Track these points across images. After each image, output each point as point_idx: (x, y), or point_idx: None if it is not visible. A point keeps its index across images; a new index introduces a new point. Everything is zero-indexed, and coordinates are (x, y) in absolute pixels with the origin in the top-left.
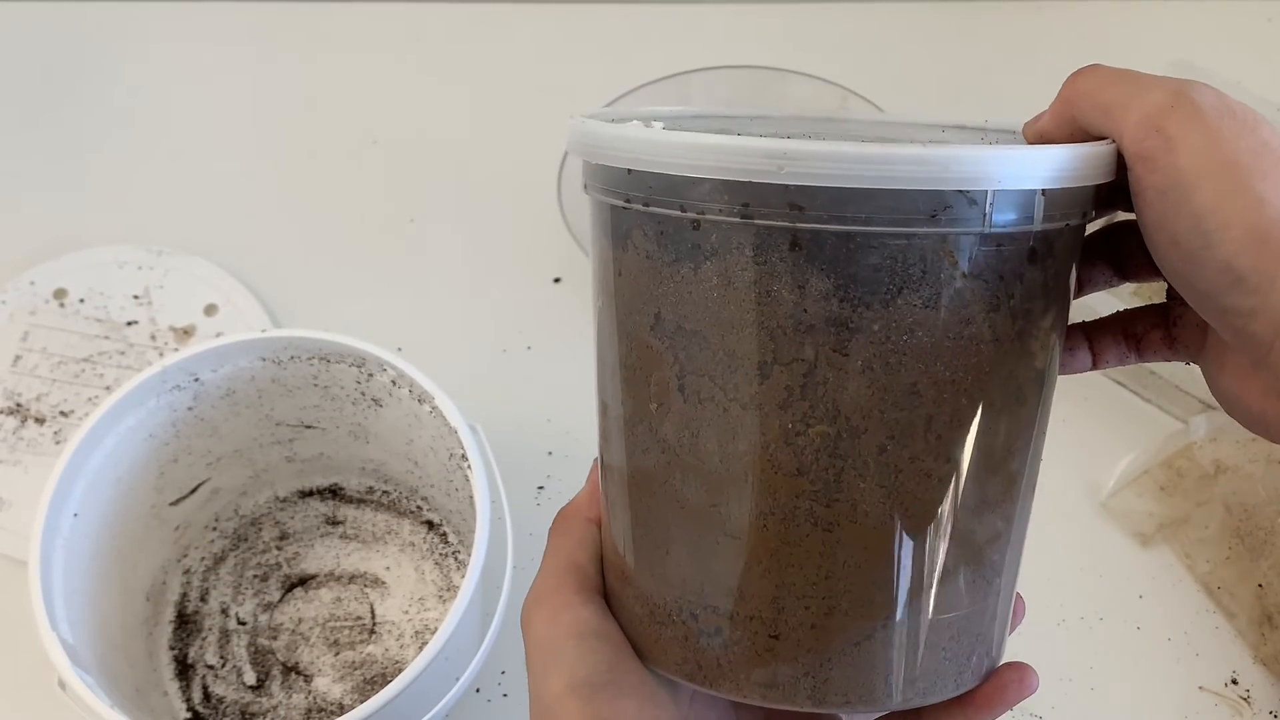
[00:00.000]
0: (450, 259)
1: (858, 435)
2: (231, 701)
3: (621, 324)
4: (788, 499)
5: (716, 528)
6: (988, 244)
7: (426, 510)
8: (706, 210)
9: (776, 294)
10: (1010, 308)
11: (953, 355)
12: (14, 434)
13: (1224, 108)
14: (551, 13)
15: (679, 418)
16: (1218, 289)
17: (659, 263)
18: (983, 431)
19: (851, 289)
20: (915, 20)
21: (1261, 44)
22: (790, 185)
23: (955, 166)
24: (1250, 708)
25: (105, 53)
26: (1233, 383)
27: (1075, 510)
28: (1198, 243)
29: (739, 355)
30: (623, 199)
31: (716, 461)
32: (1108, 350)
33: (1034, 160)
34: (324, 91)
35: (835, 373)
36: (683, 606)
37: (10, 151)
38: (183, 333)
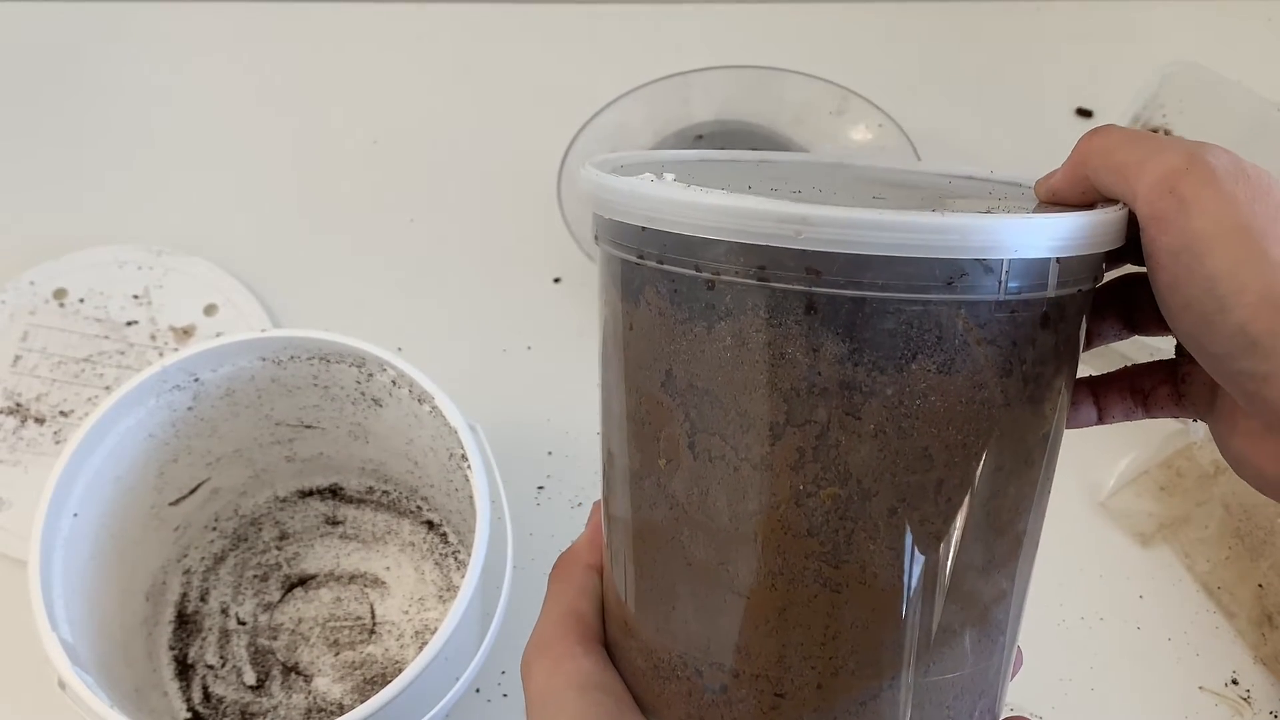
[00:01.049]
0: (450, 259)
1: (869, 498)
2: (231, 701)
3: (631, 378)
4: (797, 559)
5: (724, 585)
6: (1002, 310)
7: (426, 510)
8: (722, 271)
9: (791, 356)
10: (1022, 372)
11: (965, 419)
12: (14, 434)
13: (1238, 171)
14: (551, 13)
15: (688, 475)
16: (1231, 353)
17: (672, 320)
18: (992, 494)
19: (866, 353)
20: (915, 20)
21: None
22: (807, 250)
23: (973, 235)
24: (1250, 708)
25: (105, 53)
26: (1244, 445)
27: (1075, 510)
28: (1211, 307)
29: (751, 415)
30: (636, 254)
31: (725, 520)
32: (1114, 406)
33: (1048, 229)
34: (324, 91)
35: (848, 436)
36: (687, 662)
37: (10, 151)
38: (183, 333)
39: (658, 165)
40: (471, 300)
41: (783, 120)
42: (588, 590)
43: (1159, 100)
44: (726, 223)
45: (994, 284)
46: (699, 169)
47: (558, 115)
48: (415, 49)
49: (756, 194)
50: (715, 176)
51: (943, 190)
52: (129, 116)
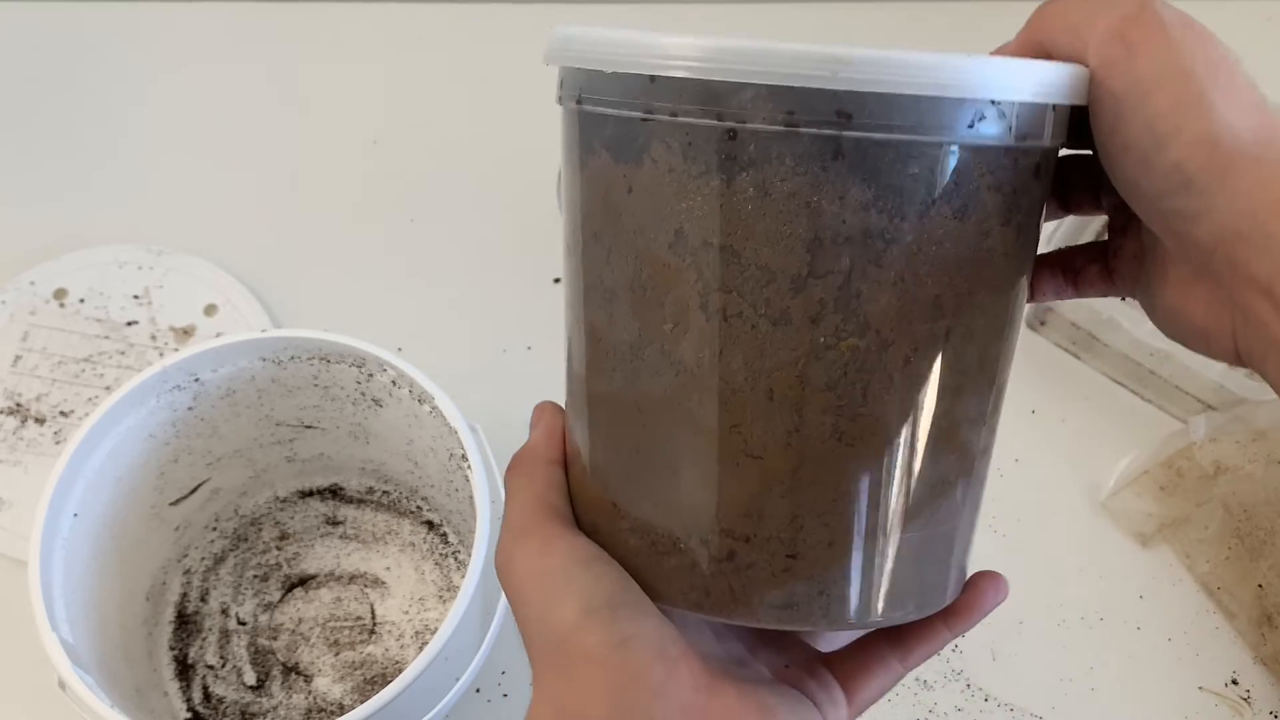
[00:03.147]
0: (450, 259)
1: (886, 348)
2: (232, 702)
3: (629, 244)
4: (813, 415)
5: (737, 449)
6: (1008, 157)
7: (426, 510)
8: (747, 119)
9: (816, 205)
10: (1017, 222)
11: (972, 268)
12: (14, 434)
13: (1185, 22)
14: (551, 13)
15: (699, 337)
16: (1166, 191)
17: (684, 176)
18: (987, 343)
19: (890, 199)
20: (915, 20)
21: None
22: (840, 91)
23: (994, 75)
24: (1250, 708)
25: (105, 53)
26: (1174, 296)
27: (1075, 510)
28: (1150, 145)
29: (772, 269)
30: (642, 110)
31: (741, 380)
32: (1045, 283)
33: (1052, 75)
34: (324, 91)
35: (869, 285)
36: (691, 534)
37: (10, 151)
38: (183, 333)
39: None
40: (471, 300)
41: None
42: (554, 483)
43: None
44: (759, 64)
45: (1004, 129)
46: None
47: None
48: (415, 49)
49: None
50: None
51: None
52: (129, 116)
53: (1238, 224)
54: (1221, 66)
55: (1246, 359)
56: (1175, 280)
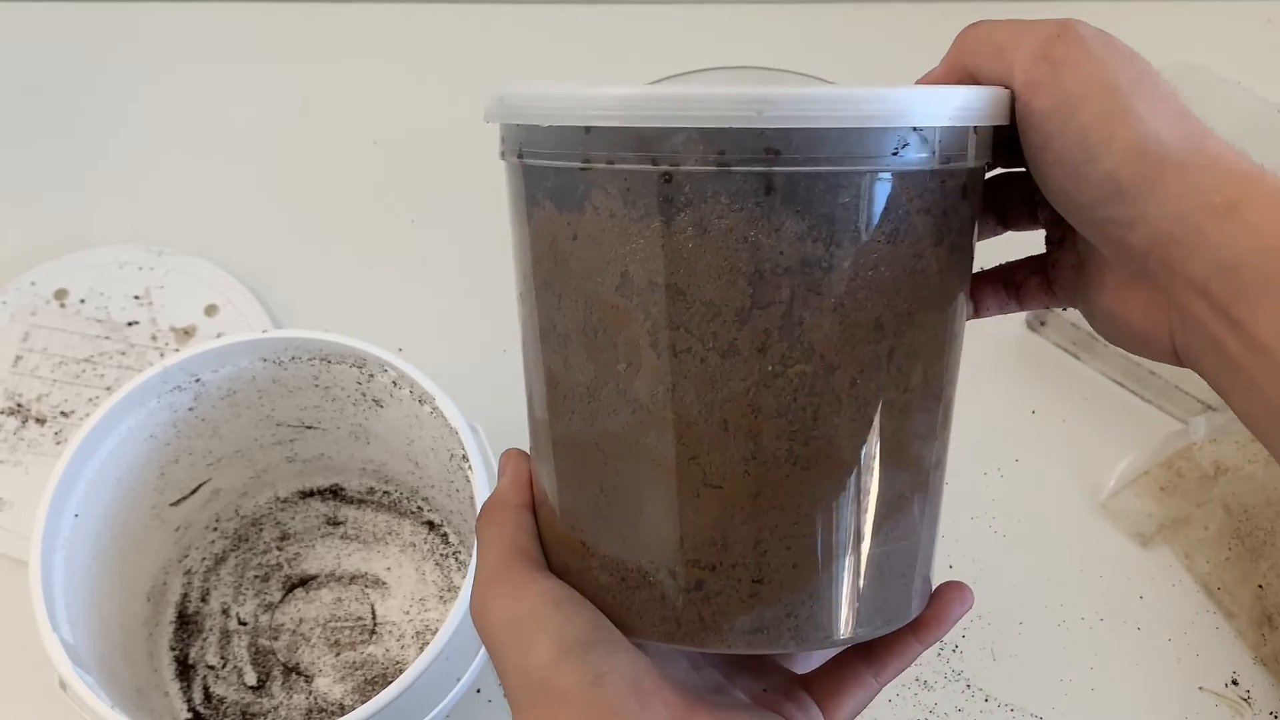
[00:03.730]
0: (450, 259)
1: (832, 372)
2: (232, 702)
3: (579, 288)
4: (768, 441)
5: (696, 480)
6: (934, 180)
7: (427, 511)
8: (681, 161)
9: (753, 239)
10: (949, 241)
11: (909, 288)
12: (15, 434)
13: (1106, 40)
14: (551, 13)
15: (652, 374)
16: (1099, 200)
17: (625, 220)
18: (930, 361)
19: (824, 228)
20: (915, 20)
21: (1261, 44)
22: (767, 130)
23: (914, 104)
24: (1250, 708)
25: (105, 53)
26: (1113, 301)
27: (1075, 511)
28: (1081, 158)
29: (717, 303)
30: (580, 160)
31: (695, 413)
32: (988, 299)
33: (972, 98)
34: (324, 92)
35: (811, 312)
36: (659, 566)
37: (11, 151)
38: (183, 333)
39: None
40: (472, 300)
41: None
42: (524, 528)
43: None
44: (688, 110)
45: (928, 153)
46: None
47: None
48: (415, 49)
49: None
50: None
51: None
52: (129, 117)
53: (1170, 227)
54: (1144, 79)
55: (1184, 358)
56: (1112, 286)
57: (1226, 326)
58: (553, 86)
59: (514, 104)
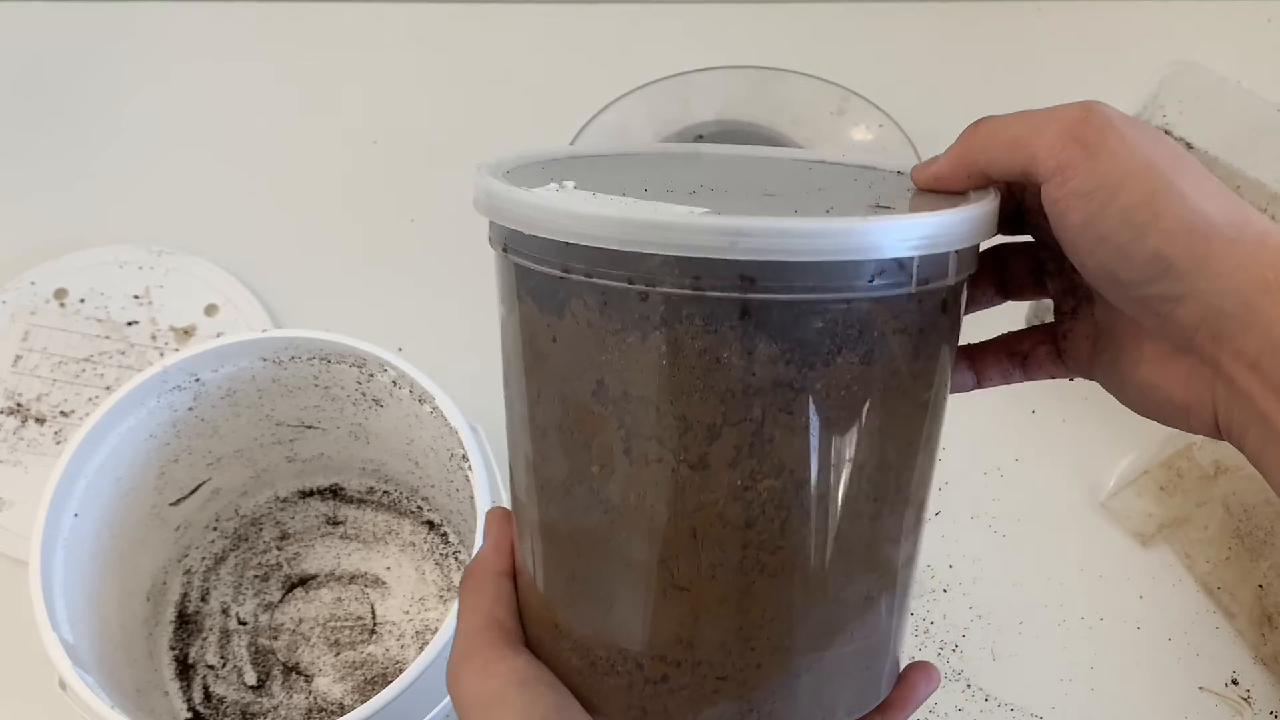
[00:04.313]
0: (450, 259)
1: (801, 486)
2: (232, 701)
3: (557, 388)
4: (736, 550)
5: (664, 582)
6: (911, 301)
7: (427, 510)
8: (656, 282)
9: (726, 360)
10: (927, 355)
11: (882, 404)
12: (14, 434)
13: (1130, 120)
14: (551, 13)
15: (624, 480)
16: (1146, 278)
17: (602, 331)
18: (901, 468)
19: (797, 352)
20: (915, 20)
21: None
22: (742, 259)
23: (891, 236)
24: (1250, 708)
25: (105, 53)
26: (1151, 373)
27: (1075, 511)
28: (1127, 236)
29: (689, 419)
30: (559, 269)
31: (665, 520)
32: (990, 369)
33: (953, 224)
34: (324, 91)
35: (781, 430)
36: (627, 656)
37: (10, 151)
38: (183, 333)
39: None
40: (472, 300)
41: (783, 120)
42: (503, 598)
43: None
44: (663, 237)
45: (906, 279)
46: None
47: (558, 115)
48: (415, 49)
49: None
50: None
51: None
52: (129, 116)
53: (1221, 303)
54: (1180, 157)
55: (1226, 433)
56: (1151, 359)
57: (1275, 402)
58: (536, 197)
59: (499, 205)
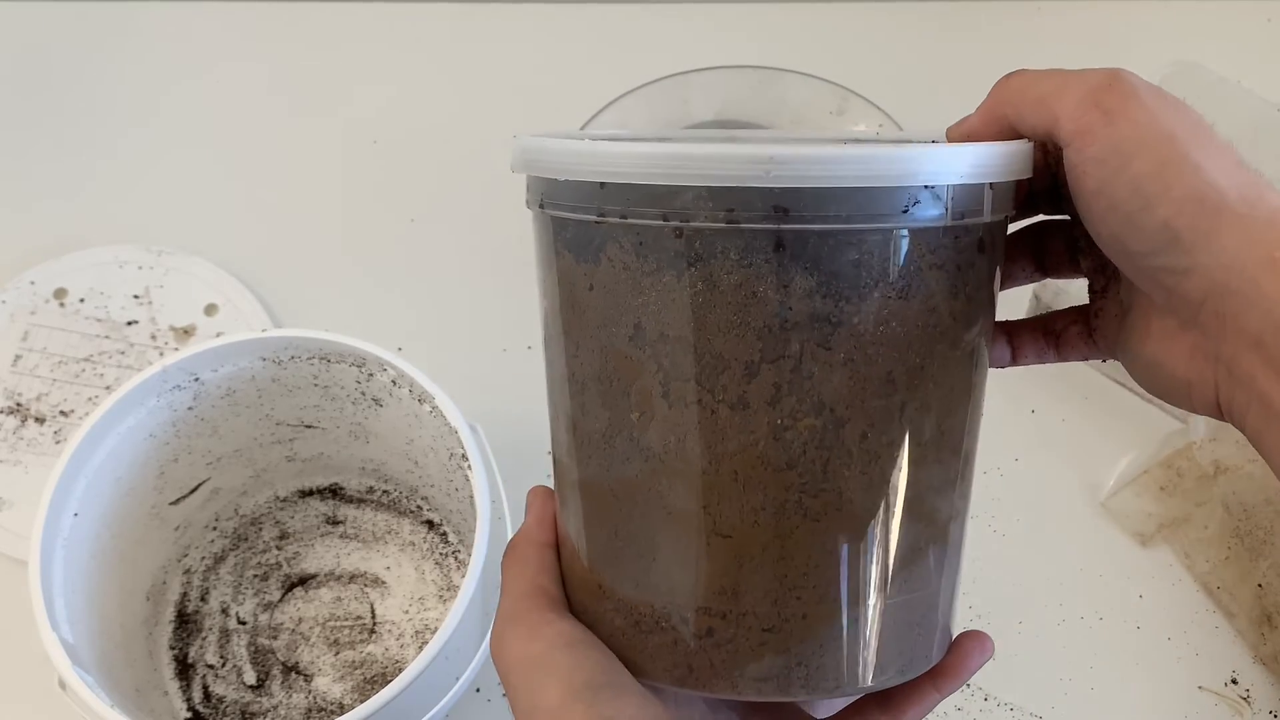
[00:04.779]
0: (450, 259)
1: (842, 425)
2: (232, 701)
3: (595, 338)
4: (777, 493)
5: (707, 529)
6: (947, 236)
7: (427, 510)
8: (691, 217)
9: (762, 295)
10: (965, 294)
11: (921, 343)
12: (14, 434)
13: (1155, 89)
14: (552, 13)
15: (664, 424)
16: (1154, 248)
17: (638, 273)
18: (945, 414)
19: (833, 285)
20: (915, 20)
21: (1261, 44)
22: (776, 188)
23: (924, 163)
24: (1250, 707)
25: (105, 53)
26: (1157, 350)
27: (1075, 510)
28: (1137, 205)
29: (726, 357)
30: (595, 213)
31: (706, 463)
32: (1026, 346)
33: (983, 155)
34: (324, 91)
35: (820, 366)
36: (671, 612)
37: (10, 151)
38: (183, 332)
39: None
40: (472, 300)
41: (783, 120)
42: (546, 567)
43: None
44: (697, 168)
45: (941, 210)
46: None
47: (558, 115)
48: (415, 49)
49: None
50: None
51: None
52: (129, 116)
53: (1226, 279)
54: (1200, 128)
55: (1227, 412)
56: (1158, 334)
57: (1276, 381)
58: (570, 142)
59: (534, 156)
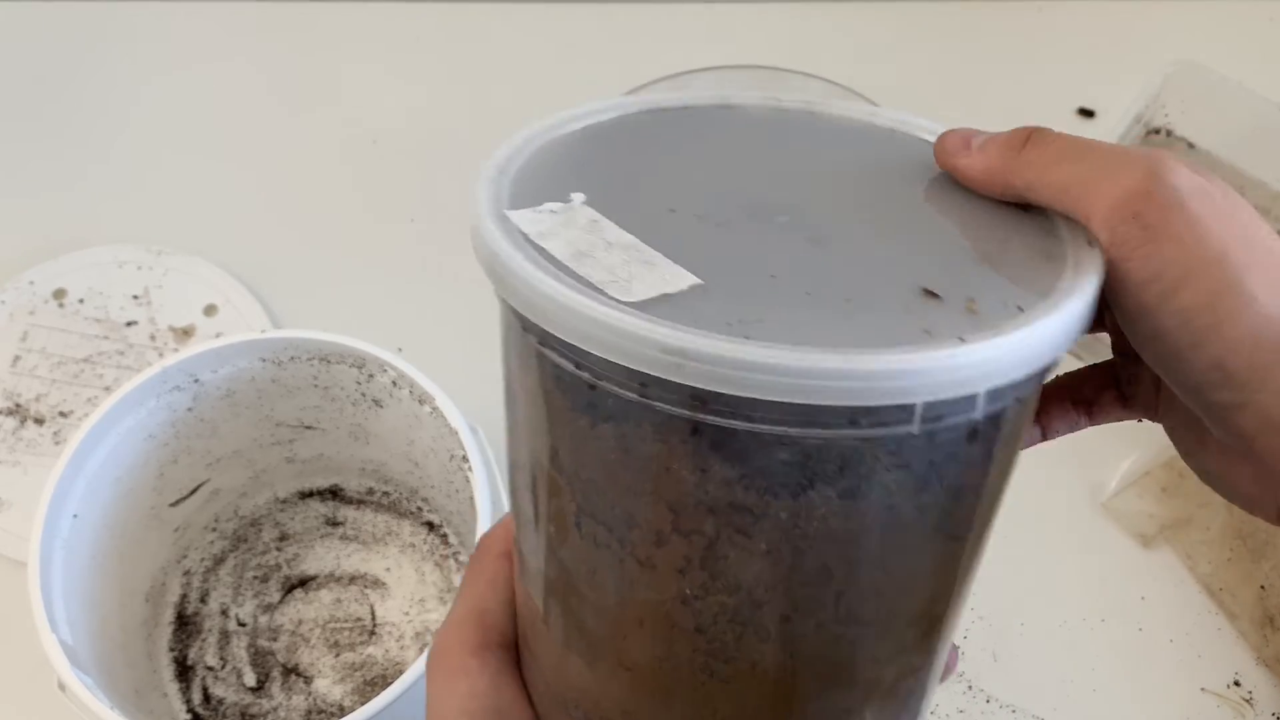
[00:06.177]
0: (451, 259)
1: (759, 607)
2: (231, 703)
3: (527, 441)
4: (685, 652)
5: (613, 655)
6: (917, 439)
7: (427, 511)
8: (603, 378)
9: (676, 472)
10: (943, 486)
11: (870, 537)
12: (13, 434)
13: (1203, 192)
14: (552, 12)
15: (575, 552)
16: (1204, 384)
17: (559, 406)
18: (900, 594)
19: (758, 479)
20: (915, 20)
21: (1261, 44)
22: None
23: (881, 381)
24: (1252, 709)
25: (106, 53)
26: (1218, 464)
27: (1077, 511)
28: (1185, 341)
29: (636, 518)
30: (521, 327)
31: (613, 600)
32: (1055, 420)
33: (976, 364)
34: (324, 91)
35: (737, 551)
36: (578, 705)
37: (10, 151)
38: (182, 333)
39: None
40: (472, 300)
41: None
42: (497, 582)
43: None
44: (605, 339)
45: (907, 419)
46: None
47: None
48: (415, 49)
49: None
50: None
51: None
52: (129, 116)
53: None
54: (1254, 241)
55: None
56: (1216, 450)
57: None
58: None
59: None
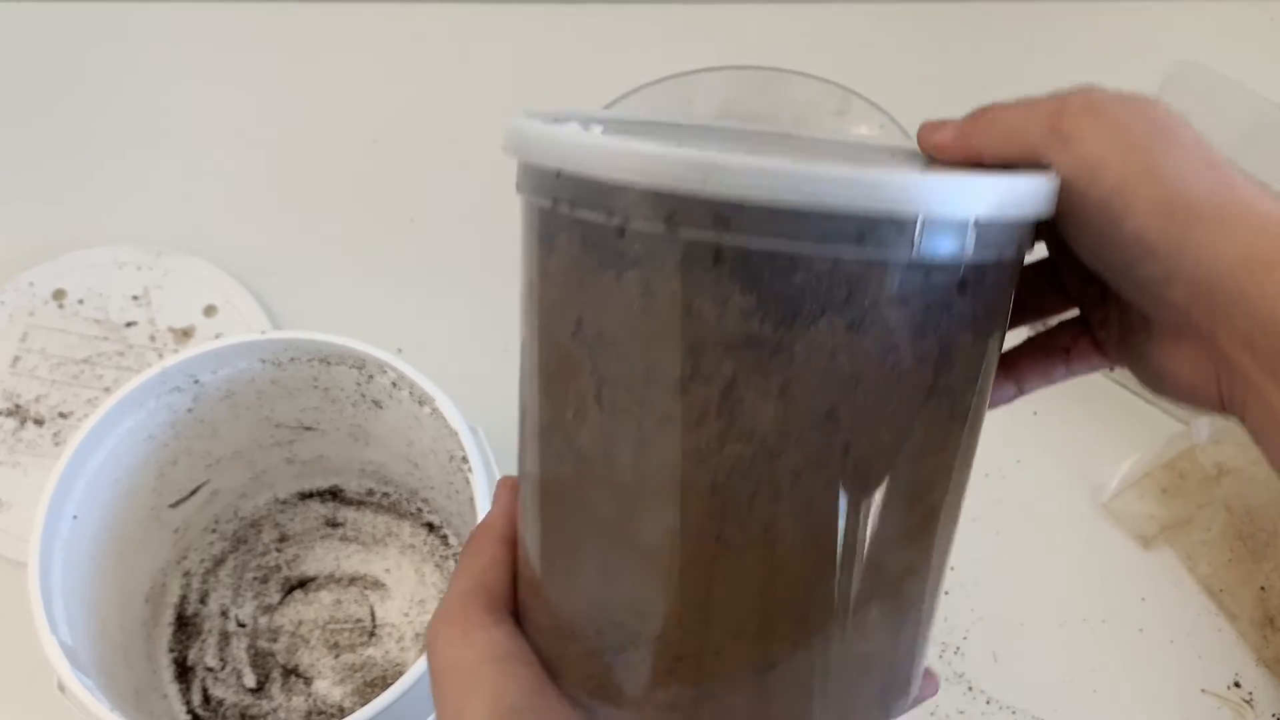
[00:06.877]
0: (450, 259)
1: (773, 458)
2: (231, 704)
3: (544, 328)
4: (699, 518)
5: (626, 543)
6: (915, 271)
7: (427, 512)
8: (631, 218)
9: (697, 308)
10: (938, 337)
11: (874, 382)
12: (13, 435)
13: (1123, 100)
14: (552, 13)
15: (593, 429)
16: (1131, 260)
17: (583, 268)
18: (902, 461)
19: (774, 308)
20: (915, 20)
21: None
22: (716, 198)
23: (883, 190)
24: (1253, 710)
25: (106, 53)
26: (1162, 359)
27: (1077, 512)
28: (1106, 221)
29: (657, 368)
30: (550, 200)
31: (629, 476)
32: (1029, 374)
33: (966, 190)
34: (324, 91)
35: (753, 393)
36: (589, 621)
37: (9, 151)
38: (182, 334)
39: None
40: (472, 301)
41: (784, 120)
42: (498, 562)
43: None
44: (636, 166)
45: (906, 244)
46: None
47: None
48: (415, 49)
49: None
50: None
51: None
52: (128, 116)
53: (1208, 282)
54: (1164, 131)
55: (1229, 406)
56: (1159, 342)
57: (1271, 381)
58: (534, 126)
59: (510, 137)
